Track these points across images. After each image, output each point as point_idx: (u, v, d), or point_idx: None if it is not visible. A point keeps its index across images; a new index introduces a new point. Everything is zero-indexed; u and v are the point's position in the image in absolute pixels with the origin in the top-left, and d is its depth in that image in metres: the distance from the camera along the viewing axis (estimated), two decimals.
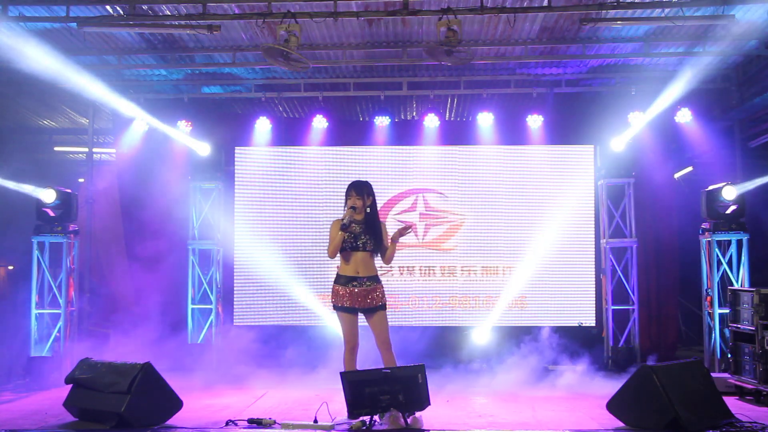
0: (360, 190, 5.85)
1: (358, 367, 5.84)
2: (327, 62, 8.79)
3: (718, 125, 9.69)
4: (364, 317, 5.86)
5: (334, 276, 5.94)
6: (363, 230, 5.81)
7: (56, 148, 12.21)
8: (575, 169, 9.61)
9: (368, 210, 5.87)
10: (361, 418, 5.41)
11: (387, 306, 5.91)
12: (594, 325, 9.45)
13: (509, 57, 8.73)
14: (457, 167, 9.69)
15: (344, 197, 5.90)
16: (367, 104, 10.49)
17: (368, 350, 7.90)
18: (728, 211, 8.09)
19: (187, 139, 9.45)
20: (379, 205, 6.14)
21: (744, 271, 8.07)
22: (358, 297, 5.78)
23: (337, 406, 5.84)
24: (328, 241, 5.85)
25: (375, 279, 5.86)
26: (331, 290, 5.90)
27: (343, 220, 5.74)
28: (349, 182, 5.95)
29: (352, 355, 5.82)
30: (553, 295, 9.48)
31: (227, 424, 5.64)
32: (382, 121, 9.67)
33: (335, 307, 5.86)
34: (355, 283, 5.79)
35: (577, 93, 9.70)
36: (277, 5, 7.01)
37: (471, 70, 9.23)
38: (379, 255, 5.94)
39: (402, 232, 5.78)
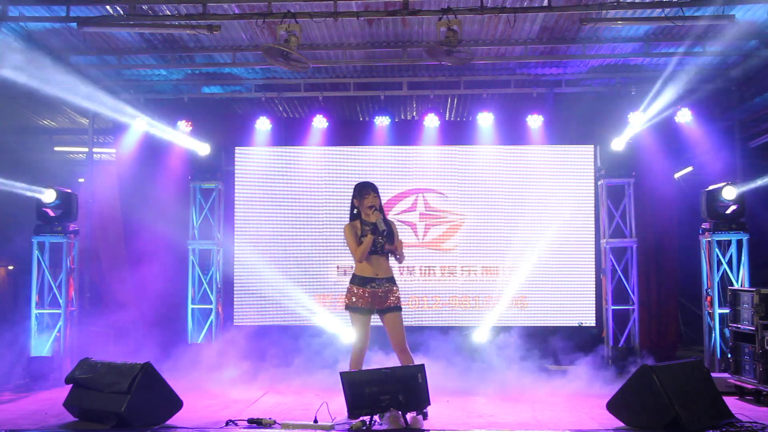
0: (376, 189, 5.89)
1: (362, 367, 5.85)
2: (327, 62, 8.79)
3: (718, 125, 9.69)
4: (378, 319, 5.86)
5: (350, 276, 5.93)
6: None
7: (56, 148, 12.21)
8: (575, 169, 9.61)
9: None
10: (361, 418, 5.41)
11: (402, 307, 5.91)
12: (594, 325, 9.45)
13: (509, 57, 8.74)
14: (457, 167, 9.69)
15: (354, 198, 5.89)
16: (367, 104, 10.49)
17: (371, 347, 7.90)
18: (728, 211, 8.09)
19: (187, 139, 9.45)
20: None
21: (744, 271, 8.07)
22: (376, 298, 5.78)
23: (337, 406, 5.84)
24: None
25: (392, 280, 5.89)
26: (346, 290, 5.89)
27: (375, 223, 5.73)
28: (359, 182, 5.93)
29: (360, 356, 5.82)
30: (553, 295, 9.48)
31: (227, 424, 5.64)
32: (382, 121, 9.67)
33: (349, 308, 5.85)
34: (373, 284, 5.80)
35: (577, 93, 9.70)
36: (277, 5, 7.01)
37: (471, 70, 9.23)
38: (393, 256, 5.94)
39: (380, 225, 5.75)
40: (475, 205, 9.63)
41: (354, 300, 5.82)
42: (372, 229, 5.75)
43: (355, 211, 5.94)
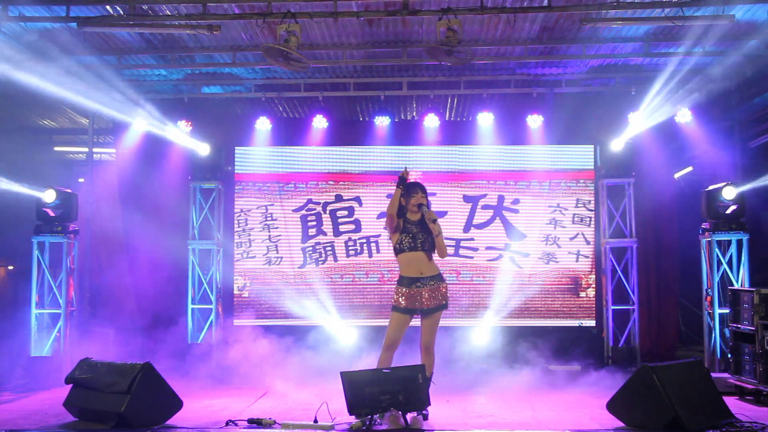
0: (425, 190, 5.91)
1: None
2: (327, 62, 8.78)
3: (718, 125, 9.70)
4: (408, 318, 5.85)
5: (398, 277, 5.91)
6: (420, 230, 5.83)
7: (56, 148, 12.21)
8: (575, 169, 9.62)
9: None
10: (361, 418, 5.41)
11: (448, 305, 5.93)
12: (594, 325, 9.45)
13: (509, 57, 8.73)
14: (457, 167, 9.70)
15: (402, 197, 5.86)
16: (367, 104, 10.49)
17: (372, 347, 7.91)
18: (728, 211, 8.09)
19: (187, 139, 9.45)
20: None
21: (744, 271, 8.07)
22: (422, 298, 5.77)
23: (337, 406, 5.84)
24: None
25: (438, 278, 5.87)
26: (394, 292, 5.88)
27: (422, 214, 5.79)
28: (408, 183, 5.92)
29: (389, 352, 5.79)
30: (550, 294, 9.49)
31: (227, 424, 5.64)
32: (382, 121, 9.68)
33: (393, 308, 5.84)
34: (418, 284, 5.79)
35: (577, 93, 9.69)
36: (277, 5, 7.01)
37: (471, 70, 9.23)
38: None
39: (429, 215, 5.76)
40: (474, 205, 9.63)
41: (399, 300, 5.80)
42: (398, 183, 5.79)
43: (403, 210, 5.92)
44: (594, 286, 9.46)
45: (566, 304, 9.48)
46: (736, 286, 7.88)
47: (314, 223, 9.66)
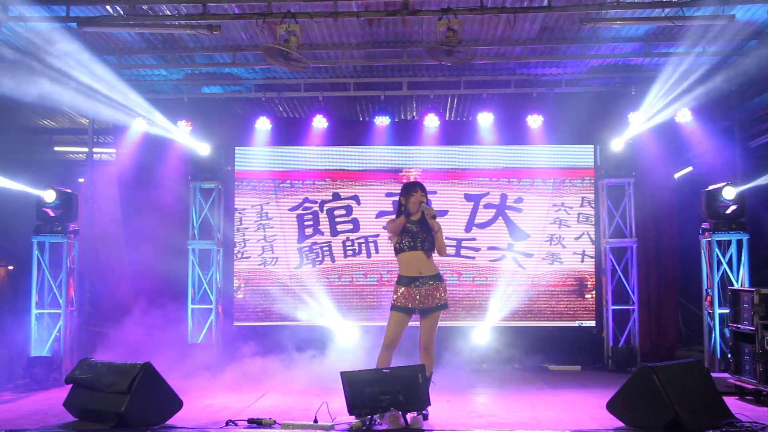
0: (424, 189, 5.92)
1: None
2: (327, 62, 8.79)
3: (718, 125, 9.70)
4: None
5: (397, 277, 5.91)
6: (420, 229, 5.83)
7: (56, 148, 12.20)
8: (579, 167, 9.62)
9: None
10: (361, 418, 5.41)
11: (448, 305, 5.92)
12: (594, 325, 9.46)
13: (509, 57, 8.74)
14: (457, 167, 9.70)
15: (401, 196, 5.89)
16: (367, 104, 10.49)
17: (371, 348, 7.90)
18: (728, 211, 8.09)
19: (187, 138, 9.45)
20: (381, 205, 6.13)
21: (744, 271, 8.07)
22: (421, 297, 5.77)
23: (337, 406, 5.84)
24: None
25: (437, 277, 5.86)
26: (393, 291, 5.88)
27: (423, 212, 5.79)
28: (406, 182, 5.93)
29: (389, 352, 5.79)
30: (554, 295, 9.48)
31: (227, 424, 5.64)
32: (382, 121, 9.68)
33: (392, 307, 5.84)
34: (418, 284, 5.79)
35: (577, 93, 9.69)
36: (277, 5, 7.01)
37: (471, 70, 9.23)
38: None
39: (429, 212, 5.77)
40: (476, 204, 9.63)
41: (397, 299, 5.80)
42: (404, 213, 5.79)
43: (402, 209, 5.93)
44: None
45: (571, 305, 9.50)
46: (736, 286, 7.88)
47: (311, 222, 9.68)
